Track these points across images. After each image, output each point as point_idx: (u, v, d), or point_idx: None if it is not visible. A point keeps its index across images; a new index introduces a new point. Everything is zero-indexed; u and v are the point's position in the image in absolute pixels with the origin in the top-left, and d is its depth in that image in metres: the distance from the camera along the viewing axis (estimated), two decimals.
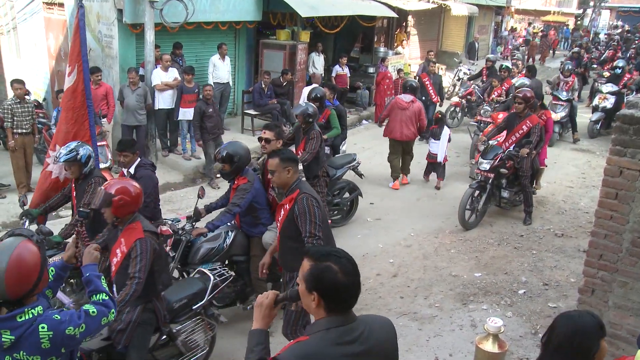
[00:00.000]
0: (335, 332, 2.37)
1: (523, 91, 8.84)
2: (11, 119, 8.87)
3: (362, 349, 2.40)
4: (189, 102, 10.72)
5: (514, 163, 8.64)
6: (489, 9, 28.14)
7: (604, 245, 4.84)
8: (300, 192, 4.51)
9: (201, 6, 11.65)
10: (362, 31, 17.91)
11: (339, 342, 2.36)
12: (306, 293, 2.41)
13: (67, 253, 3.38)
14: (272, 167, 4.57)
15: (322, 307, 2.39)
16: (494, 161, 8.45)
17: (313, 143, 7.31)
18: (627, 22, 45.11)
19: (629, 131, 4.56)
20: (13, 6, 14.17)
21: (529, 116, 8.64)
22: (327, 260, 2.38)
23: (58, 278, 3.36)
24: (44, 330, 2.73)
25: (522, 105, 8.62)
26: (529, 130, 8.61)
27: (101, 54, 11.44)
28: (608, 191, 4.76)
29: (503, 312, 6.32)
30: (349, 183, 8.69)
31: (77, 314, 2.89)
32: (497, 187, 8.86)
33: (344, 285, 2.36)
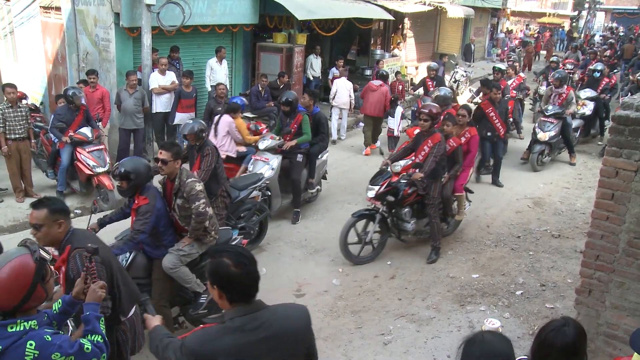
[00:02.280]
0: (239, 320, 2.56)
1: (428, 106, 7.64)
2: (3, 124, 8.80)
3: (264, 335, 2.57)
4: (186, 107, 10.73)
5: (419, 189, 7.48)
6: (484, 11, 28.21)
7: (601, 245, 4.85)
8: (71, 247, 3.69)
9: (198, 10, 11.65)
10: (359, 34, 17.93)
11: (241, 329, 2.55)
12: (211, 288, 2.62)
13: (76, 289, 3.24)
14: (38, 220, 3.66)
15: (225, 299, 2.59)
16: (380, 187, 7.37)
17: (208, 160, 6.84)
18: (622, 24, 45.34)
19: (625, 132, 4.57)
20: (10, 10, 14.15)
21: (432, 134, 7.45)
22: (220, 256, 2.59)
23: (64, 312, 3.24)
24: (31, 348, 2.66)
25: (428, 123, 7.44)
26: (430, 150, 7.40)
27: (98, 57, 11.44)
28: (604, 192, 4.77)
29: (501, 313, 6.33)
30: (255, 204, 7.85)
31: (71, 343, 2.80)
32: (397, 217, 7.71)
33: (237, 276, 2.54)
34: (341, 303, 6.63)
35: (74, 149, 8.99)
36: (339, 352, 5.68)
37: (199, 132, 6.95)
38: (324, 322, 6.22)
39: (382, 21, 18.44)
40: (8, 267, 2.72)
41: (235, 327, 2.56)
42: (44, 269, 2.83)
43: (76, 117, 9.13)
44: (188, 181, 5.38)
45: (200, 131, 6.96)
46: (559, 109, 11.78)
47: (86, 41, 11.67)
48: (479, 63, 26.18)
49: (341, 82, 13.41)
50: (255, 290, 2.63)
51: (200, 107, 11.68)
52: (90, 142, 9.08)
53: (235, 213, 7.61)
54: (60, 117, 9.10)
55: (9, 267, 2.72)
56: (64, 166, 9.12)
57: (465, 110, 8.42)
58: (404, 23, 20.88)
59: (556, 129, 11.63)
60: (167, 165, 5.43)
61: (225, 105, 9.96)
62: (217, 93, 10.17)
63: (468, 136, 8.21)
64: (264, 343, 2.58)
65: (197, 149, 7.03)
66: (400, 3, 18.20)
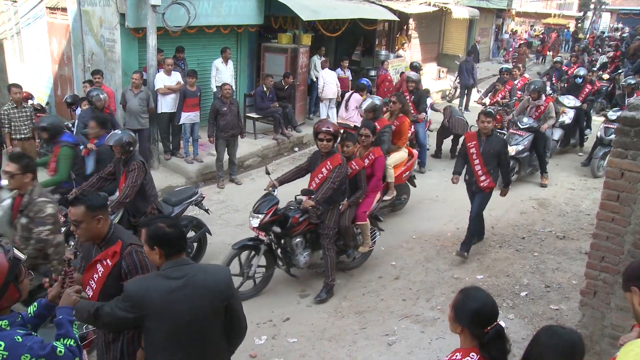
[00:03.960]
0: (169, 270, 3.23)
1: (327, 123, 6.71)
2: (8, 124, 8.84)
3: (185, 282, 3.19)
4: (191, 106, 10.74)
5: (311, 217, 6.65)
6: (489, 12, 28.13)
7: (606, 247, 4.83)
8: (123, 243, 3.72)
9: (203, 10, 11.66)
10: (364, 34, 17.91)
11: (169, 276, 3.20)
12: (150, 252, 3.28)
13: (52, 293, 3.23)
14: (77, 217, 3.66)
15: (162, 255, 3.25)
16: (265, 216, 6.42)
17: (134, 175, 6.16)
18: (628, 25, 45.16)
19: (630, 133, 4.55)
20: (17, 11, 14.21)
21: (332, 155, 6.57)
22: (154, 223, 3.28)
23: (39, 316, 3.20)
24: (0, 349, 2.59)
25: (330, 143, 6.52)
26: (328, 173, 6.54)
27: (104, 58, 11.47)
28: (610, 193, 4.75)
29: (505, 315, 6.32)
30: (192, 220, 7.30)
31: (42, 345, 2.71)
32: (288, 248, 6.80)
33: (172, 234, 3.25)
34: (345, 303, 6.63)
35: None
36: (343, 353, 5.68)
37: (127, 145, 6.30)
38: (329, 322, 6.22)
39: (386, 22, 18.41)
40: None
41: (164, 274, 3.22)
42: (18, 268, 2.77)
43: None
44: (38, 200, 4.77)
45: (128, 144, 6.31)
46: (535, 123, 10.71)
47: (92, 42, 11.70)
48: (483, 64, 26.10)
49: (326, 74, 14.03)
50: (184, 244, 3.35)
51: (205, 107, 11.69)
52: None
53: None
54: (85, 120, 8.65)
55: None
56: (88, 173, 8.38)
57: (368, 129, 7.55)
58: (408, 24, 20.83)
59: (525, 143, 10.56)
60: (14, 179, 4.80)
61: (231, 106, 10.05)
62: (223, 93, 10.18)
63: (372, 158, 7.42)
64: (184, 289, 3.18)
65: (123, 163, 6.37)
66: (405, 4, 18.17)
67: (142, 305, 3.09)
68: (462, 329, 2.89)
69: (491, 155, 7.34)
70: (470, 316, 2.85)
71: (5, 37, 15.17)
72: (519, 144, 10.53)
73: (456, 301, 2.94)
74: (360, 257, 7.52)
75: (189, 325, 3.20)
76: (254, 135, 12.60)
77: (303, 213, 6.59)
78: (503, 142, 7.61)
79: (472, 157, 7.46)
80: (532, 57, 31.41)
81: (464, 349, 2.91)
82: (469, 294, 2.94)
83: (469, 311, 2.86)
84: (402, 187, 9.12)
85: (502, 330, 2.85)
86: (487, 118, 7.37)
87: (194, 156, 11.12)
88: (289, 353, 5.68)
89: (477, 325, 2.83)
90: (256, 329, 5.99)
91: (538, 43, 33.04)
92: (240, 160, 11.27)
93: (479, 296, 2.91)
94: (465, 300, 2.91)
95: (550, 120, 10.89)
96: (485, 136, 7.41)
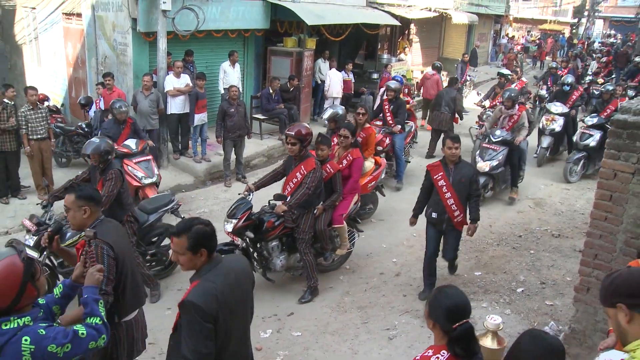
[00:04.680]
0: (215, 270, 3.15)
1: (295, 127, 6.33)
2: (26, 125, 8.89)
3: (234, 274, 3.22)
4: (202, 107, 10.78)
5: (287, 222, 6.41)
6: (488, 18, 28.10)
7: (599, 245, 4.83)
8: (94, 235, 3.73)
9: (212, 15, 11.68)
10: (366, 39, 17.93)
11: (223, 275, 3.14)
12: (193, 257, 3.12)
13: (75, 272, 3.28)
14: (67, 204, 3.80)
15: (207, 255, 3.13)
16: (239, 221, 6.20)
17: (110, 185, 5.84)
18: (620, 31, 45.33)
19: (623, 135, 4.56)
20: (35, 17, 14.27)
21: (305, 159, 6.31)
22: (195, 224, 3.13)
23: (66, 296, 3.23)
24: (27, 343, 2.61)
25: (297, 147, 6.22)
26: (303, 178, 6.28)
27: (116, 61, 11.50)
28: (603, 193, 4.76)
29: (502, 310, 6.31)
30: (167, 228, 6.96)
31: (64, 332, 2.74)
32: (264, 252, 6.55)
33: (211, 230, 3.18)
34: (348, 299, 6.64)
35: (122, 163, 8.42)
36: (345, 346, 5.69)
37: (104, 153, 6.04)
38: (331, 317, 6.23)
39: (389, 27, 18.41)
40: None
41: (216, 273, 3.13)
42: (33, 267, 2.76)
43: (122, 130, 8.79)
44: None
45: (105, 152, 6.04)
46: (508, 135, 9.72)
47: (105, 46, 11.74)
48: (482, 68, 26.09)
49: (333, 74, 14.42)
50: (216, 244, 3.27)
51: (212, 109, 11.71)
52: (136, 154, 8.64)
53: (145, 239, 6.86)
54: (106, 131, 8.65)
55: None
56: None
57: (348, 131, 7.28)
58: (410, 28, 20.83)
59: (500, 158, 9.53)
60: None
61: (238, 107, 10.07)
62: (230, 95, 10.20)
63: (350, 159, 7.13)
64: (237, 281, 3.23)
65: (100, 171, 6.07)
66: (407, 9, 18.16)
67: (217, 314, 3.03)
68: (434, 325, 2.88)
69: (463, 185, 6.19)
70: (443, 313, 2.82)
71: (24, 42, 15.25)
72: (493, 159, 9.52)
73: (432, 297, 2.93)
74: (339, 259, 7.28)
75: (245, 312, 3.38)
76: (260, 136, 12.63)
77: (278, 217, 6.36)
78: (473, 169, 6.69)
79: (442, 191, 6.22)
80: (529, 62, 31.37)
81: (436, 346, 2.90)
82: (444, 291, 2.92)
83: (442, 308, 2.83)
84: (367, 197, 8.58)
85: (470, 329, 2.81)
86: (454, 144, 6.16)
87: (202, 156, 11.14)
88: (293, 346, 5.69)
89: (448, 322, 2.80)
90: (261, 323, 6.01)
91: (535, 48, 32.99)
92: (246, 159, 11.28)
93: (453, 294, 2.88)
94: (439, 296, 2.89)
95: (523, 131, 9.90)
96: (453, 164, 6.22)
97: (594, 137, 10.82)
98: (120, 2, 10.89)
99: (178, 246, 3.12)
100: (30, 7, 14.38)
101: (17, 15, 15.15)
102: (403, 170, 10.49)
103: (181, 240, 3.10)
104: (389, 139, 10.19)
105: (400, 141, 10.31)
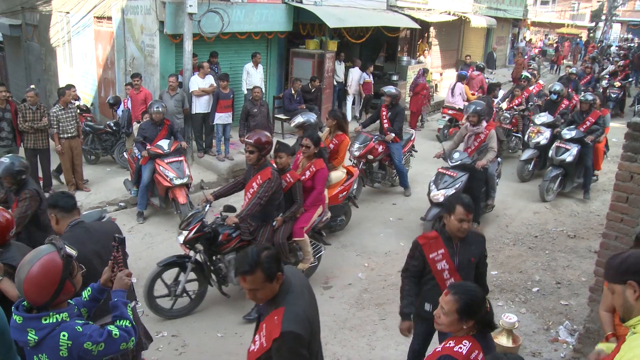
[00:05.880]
0: (291, 293, 2.87)
1: (254, 135, 5.85)
2: (57, 125, 9.01)
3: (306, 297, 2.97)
4: (224, 107, 10.81)
5: (243, 234, 6.02)
6: (506, 21, 27.86)
7: (615, 246, 4.76)
8: None
9: (236, 18, 11.72)
10: (387, 41, 17.84)
11: (298, 300, 2.87)
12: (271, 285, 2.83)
13: (104, 276, 3.24)
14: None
15: (281, 279, 2.87)
16: (189, 232, 5.78)
17: (23, 205, 5.17)
18: (637, 35, 44.77)
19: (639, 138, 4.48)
20: (69, 21, 14.46)
21: (262, 169, 5.84)
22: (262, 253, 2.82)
23: (94, 299, 3.22)
24: (64, 339, 2.67)
25: (254, 155, 5.79)
26: (258, 188, 5.79)
27: (144, 62, 11.60)
28: (619, 195, 4.69)
29: (517, 309, 6.25)
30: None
31: (100, 331, 2.79)
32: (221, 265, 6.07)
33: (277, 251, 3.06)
34: (366, 296, 6.62)
35: (154, 163, 8.37)
36: (363, 342, 5.67)
37: (17, 174, 5.39)
38: (350, 313, 6.22)
39: (409, 29, 18.31)
40: (37, 265, 2.69)
41: (297, 296, 2.88)
42: (71, 264, 2.81)
43: (159, 131, 8.64)
44: None
45: (18, 172, 5.39)
46: (468, 159, 8.01)
47: (133, 47, 11.84)
48: (500, 70, 25.86)
49: (355, 72, 14.80)
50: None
51: (237, 109, 11.76)
52: (169, 154, 8.43)
53: None
54: (144, 132, 8.59)
55: (38, 265, 2.69)
56: (144, 184, 8.48)
57: (310, 140, 6.64)
58: (429, 31, 20.73)
59: (457, 186, 7.84)
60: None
61: (261, 107, 10.09)
62: (253, 95, 10.24)
63: (313, 170, 6.59)
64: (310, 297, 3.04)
65: (15, 192, 5.43)
66: (427, 13, 18.06)
67: (310, 338, 2.88)
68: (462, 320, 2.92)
69: (472, 265, 4.30)
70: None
71: (58, 45, 15.46)
72: (449, 187, 7.84)
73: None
74: (304, 272, 6.50)
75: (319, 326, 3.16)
76: (282, 135, 12.65)
77: (235, 229, 5.94)
78: (482, 240, 4.44)
79: (443, 276, 4.20)
80: (546, 65, 31.03)
81: (456, 337, 2.93)
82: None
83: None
84: (338, 208, 7.98)
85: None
86: (467, 214, 4.09)
87: (225, 154, 11.18)
88: None
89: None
90: None
91: (552, 52, 32.61)
92: None
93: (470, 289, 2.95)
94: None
95: (489, 154, 8.02)
96: (459, 239, 4.20)
97: (570, 152, 9.70)
98: (148, 6, 10.98)
99: (255, 283, 2.80)
100: (64, 12, 14.57)
101: (52, 19, 15.37)
102: (406, 178, 9.92)
103: (256, 276, 2.78)
104: (383, 147, 9.53)
105: (398, 151, 9.56)
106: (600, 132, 10.15)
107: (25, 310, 2.76)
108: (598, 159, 10.42)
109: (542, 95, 14.08)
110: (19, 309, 2.76)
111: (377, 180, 9.83)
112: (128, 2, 11.70)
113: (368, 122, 9.98)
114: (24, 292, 2.69)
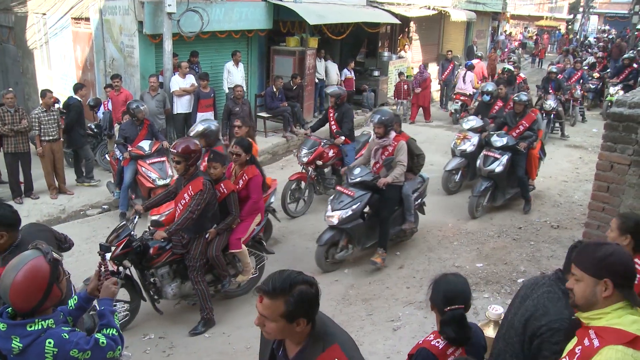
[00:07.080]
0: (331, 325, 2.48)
1: (181, 143, 5.48)
2: (39, 127, 8.91)
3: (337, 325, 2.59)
4: (205, 107, 10.77)
5: (175, 247, 5.70)
6: (486, 15, 27.97)
7: (597, 235, 4.82)
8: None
9: (215, 16, 11.67)
10: (367, 37, 17.88)
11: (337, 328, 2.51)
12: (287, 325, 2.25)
13: (90, 285, 3.19)
14: None
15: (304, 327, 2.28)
16: (116, 248, 5.30)
17: None
18: (614, 27, 45.45)
19: (619, 128, 4.55)
20: (46, 22, 14.29)
21: (193, 179, 5.51)
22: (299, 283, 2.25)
23: (80, 308, 3.16)
24: (50, 346, 2.61)
25: (181, 165, 5.49)
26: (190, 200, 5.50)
27: (123, 63, 11.50)
28: (600, 184, 4.75)
29: (503, 300, 6.29)
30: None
31: (87, 339, 2.74)
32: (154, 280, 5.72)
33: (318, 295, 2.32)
34: (352, 291, 6.64)
35: (136, 164, 8.31)
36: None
37: None
38: (337, 309, 6.22)
39: (389, 25, 18.35)
40: (23, 270, 2.63)
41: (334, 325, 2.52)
42: (58, 269, 2.76)
43: (139, 131, 8.57)
44: None
45: None
46: (369, 176, 7.00)
47: (112, 48, 11.74)
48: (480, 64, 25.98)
49: (330, 65, 14.94)
50: None
51: (219, 108, 11.71)
52: (150, 155, 8.36)
53: None
54: (124, 132, 8.56)
55: (24, 270, 2.63)
56: (125, 184, 8.38)
57: (240, 147, 6.12)
58: (409, 26, 20.77)
59: (355, 207, 6.81)
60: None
61: (243, 106, 10.05)
62: (235, 94, 10.21)
63: (246, 178, 6.12)
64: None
65: None
66: (406, 8, 18.11)
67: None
68: (433, 307, 2.99)
69: None
70: (440, 296, 2.92)
71: (35, 47, 15.28)
72: (345, 207, 6.79)
73: (434, 281, 3.03)
74: (247, 283, 6.40)
75: None
76: (265, 134, 12.63)
77: (168, 242, 5.63)
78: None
79: None
80: (527, 57, 31.25)
81: (436, 331, 2.99)
82: (446, 276, 3.03)
83: (440, 291, 2.94)
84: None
85: (461, 316, 2.88)
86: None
87: None
88: None
89: (444, 306, 2.90)
90: None
91: (532, 45, 32.83)
92: None
93: (453, 281, 2.99)
94: (440, 281, 3.00)
95: (397, 169, 6.93)
96: None
97: (500, 161, 8.61)
98: (126, 6, 10.89)
99: (269, 310, 2.23)
100: (41, 13, 14.39)
101: (28, 21, 15.18)
102: None
103: (276, 303, 2.21)
104: (334, 151, 8.99)
105: (351, 152, 9.01)
106: (534, 138, 8.88)
107: (9, 317, 2.70)
108: (532, 168, 9.09)
109: (523, 89, 14.17)
110: (3, 315, 2.69)
111: (330, 187, 8.98)
112: (106, 3, 11.59)
113: (317, 125, 9.37)
114: (9, 299, 2.63)
